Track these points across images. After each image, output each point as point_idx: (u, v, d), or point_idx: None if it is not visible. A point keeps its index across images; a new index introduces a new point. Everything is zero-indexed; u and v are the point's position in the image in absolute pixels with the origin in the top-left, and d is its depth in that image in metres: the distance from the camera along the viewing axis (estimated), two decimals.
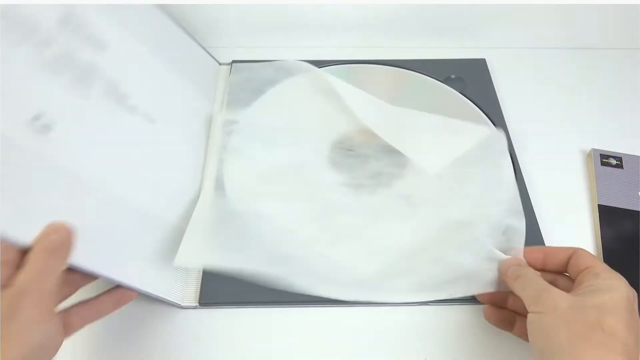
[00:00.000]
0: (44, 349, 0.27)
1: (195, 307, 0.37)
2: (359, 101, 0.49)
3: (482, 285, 0.37)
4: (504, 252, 0.38)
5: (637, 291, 0.30)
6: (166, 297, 0.36)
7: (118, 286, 0.33)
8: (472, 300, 0.38)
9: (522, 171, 0.45)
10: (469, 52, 0.56)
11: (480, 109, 0.50)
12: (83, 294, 0.32)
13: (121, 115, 0.39)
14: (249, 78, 0.51)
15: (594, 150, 0.47)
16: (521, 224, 0.40)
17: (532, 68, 0.56)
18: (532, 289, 0.32)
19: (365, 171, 0.44)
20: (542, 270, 0.36)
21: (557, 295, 0.31)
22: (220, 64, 0.53)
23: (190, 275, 0.39)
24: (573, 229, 0.43)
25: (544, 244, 0.41)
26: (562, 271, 0.35)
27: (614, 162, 0.46)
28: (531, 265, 0.36)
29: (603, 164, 0.46)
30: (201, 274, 0.39)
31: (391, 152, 0.45)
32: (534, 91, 0.53)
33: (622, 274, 0.31)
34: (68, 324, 0.30)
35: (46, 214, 0.30)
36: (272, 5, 0.53)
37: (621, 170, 0.46)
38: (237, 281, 0.36)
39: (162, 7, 0.47)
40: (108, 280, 0.33)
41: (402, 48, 0.56)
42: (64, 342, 0.29)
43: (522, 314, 0.35)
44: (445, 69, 0.53)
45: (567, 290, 0.31)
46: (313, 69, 0.50)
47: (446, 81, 0.52)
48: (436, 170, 0.44)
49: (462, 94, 0.51)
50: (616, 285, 0.30)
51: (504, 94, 0.52)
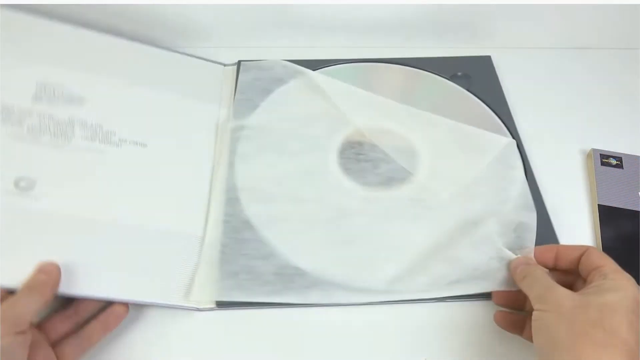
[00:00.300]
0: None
1: (212, 309, 0.37)
2: (356, 104, 0.49)
3: (495, 283, 0.38)
4: (516, 249, 0.38)
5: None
6: (184, 305, 0.37)
7: (104, 309, 0.36)
8: (473, 297, 0.38)
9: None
10: (470, 52, 0.56)
11: (488, 106, 0.50)
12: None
13: (109, 151, 0.42)
14: (258, 77, 0.51)
15: (594, 150, 0.48)
16: (532, 221, 0.40)
17: (531, 68, 0.56)
18: (538, 287, 0.33)
19: (376, 175, 0.45)
20: (554, 269, 0.36)
21: (562, 294, 0.31)
22: (225, 65, 0.53)
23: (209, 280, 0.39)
24: (573, 229, 0.43)
25: (558, 242, 0.41)
26: (573, 270, 0.35)
27: (614, 162, 0.47)
28: (543, 264, 0.36)
29: (603, 164, 0.47)
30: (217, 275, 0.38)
31: (401, 154, 0.46)
32: (533, 91, 0.53)
33: None
34: (62, 356, 0.33)
35: (38, 257, 0.34)
36: (277, 6, 0.52)
37: (621, 170, 0.46)
38: (253, 282, 0.37)
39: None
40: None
41: (406, 48, 0.56)
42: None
43: None
44: (451, 66, 0.54)
45: None
46: (313, 73, 0.51)
47: (452, 78, 0.53)
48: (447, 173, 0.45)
49: (469, 91, 0.51)
50: (623, 285, 0.30)
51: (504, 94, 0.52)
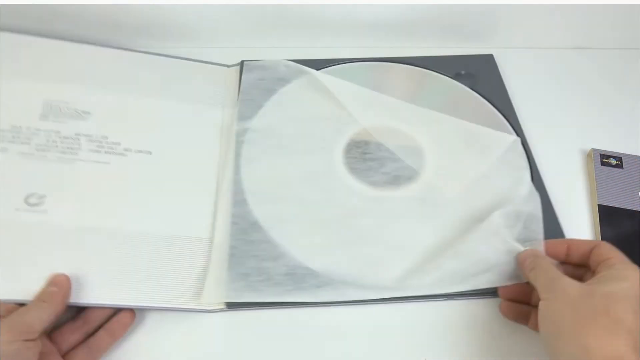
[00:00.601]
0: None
1: (222, 310, 0.38)
2: (361, 103, 0.49)
3: (505, 277, 0.38)
4: (524, 242, 0.38)
5: None
6: (195, 307, 0.37)
7: (110, 318, 0.36)
8: (480, 294, 0.39)
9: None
10: (470, 52, 0.56)
11: (493, 105, 0.51)
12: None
13: (115, 161, 0.43)
14: (261, 77, 0.51)
15: (594, 150, 0.48)
16: (538, 212, 0.41)
17: (531, 68, 0.56)
18: (545, 278, 0.33)
19: (383, 174, 0.45)
20: (566, 262, 0.36)
21: (568, 283, 0.31)
22: (229, 66, 0.53)
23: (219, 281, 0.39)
24: (573, 228, 0.43)
25: (563, 236, 0.42)
26: (584, 263, 0.35)
27: (614, 162, 0.47)
28: (555, 256, 0.37)
29: (603, 164, 0.47)
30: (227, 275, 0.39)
31: (407, 153, 0.46)
32: (534, 91, 0.54)
33: None
34: None
35: (49, 270, 0.36)
36: (283, 6, 0.53)
37: (621, 170, 0.47)
38: (264, 283, 0.38)
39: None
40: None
41: (407, 47, 0.56)
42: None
43: None
44: (454, 65, 0.54)
45: None
46: (317, 73, 0.51)
47: (456, 77, 0.53)
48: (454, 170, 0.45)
49: (473, 89, 0.52)
50: (629, 275, 0.30)
51: None
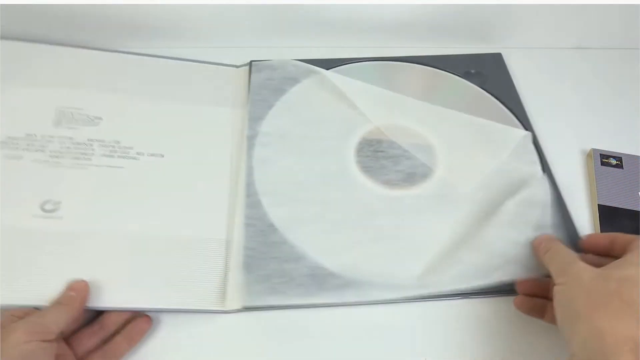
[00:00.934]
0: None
1: (238, 311, 0.38)
2: (373, 101, 0.50)
3: (525, 269, 0.38)
4: (538, 229, 0.40)
5: None
6: (213, 309, 0.38)
7: (127, 323, 0.37)
8: (495, 293, 0.39)
9: None
10: (475, 51, 0.56)
11: (503, 103, 0.51)
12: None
13: (128, 165, 0.43)
14: (270, 77, 0.52)
15: (594, 150, 0.48)
16: (547, 198, 0.42)
17: (531, 68, 0.56)
18: (559, 261, 0.33)
19: (397, 172, 0.45)
20: (609, 255, 0.36)
21: (582, 267, 0.31)
22: (237, 67, 0.54)
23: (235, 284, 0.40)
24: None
25: (574, 229, 0.42)
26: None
27: (614, 162, 0.48)
28: (597, 249, 0.37)
29: (603, 164, 0.47)
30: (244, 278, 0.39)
31: (420, 150, 0.47)
32: (533, 91, 0.54)
33: None
34: None
35: (67, 275, 0.36)
36: (289, 6, 0.53)
37: (621, 170, 0.47)
38: (286, 285, 0.38)
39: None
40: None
41: (418, 47, 0.56)
42: None
43: None
44: (463, 64, 0.54)
45: None
46: (328, 72, 0.51)
47: (466, 76, 0.53)
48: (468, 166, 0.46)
49: (482, 88, 0.52)
50: None
51: None
